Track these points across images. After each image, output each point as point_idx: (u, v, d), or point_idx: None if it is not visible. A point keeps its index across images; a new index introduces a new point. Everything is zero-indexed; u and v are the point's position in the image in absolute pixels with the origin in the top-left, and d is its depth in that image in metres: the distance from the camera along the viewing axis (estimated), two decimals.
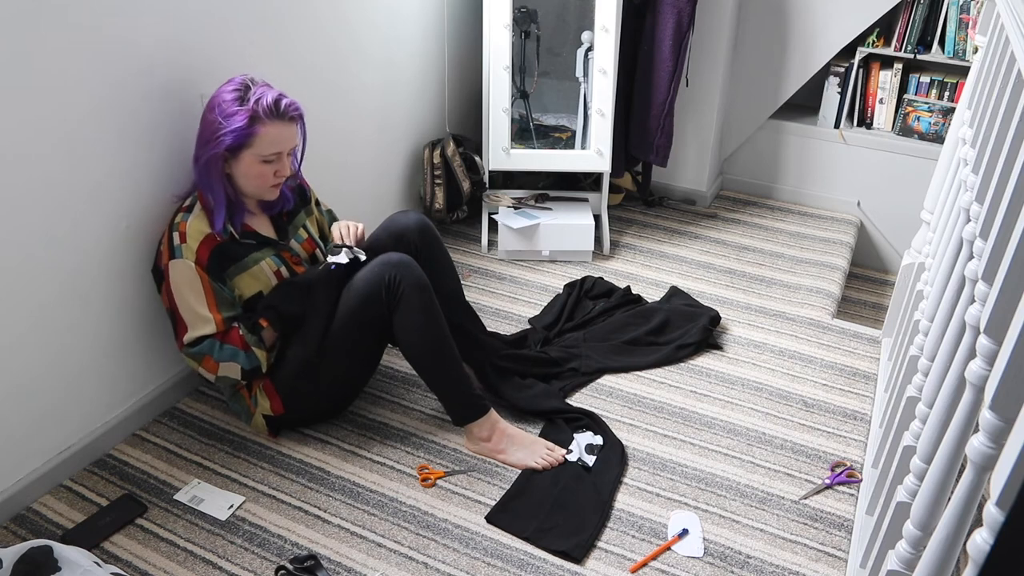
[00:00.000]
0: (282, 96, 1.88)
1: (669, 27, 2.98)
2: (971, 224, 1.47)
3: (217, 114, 1.85)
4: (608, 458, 2.03)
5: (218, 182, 1.90)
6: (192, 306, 1.91)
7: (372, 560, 1.77)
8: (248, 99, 1.84)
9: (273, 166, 1.91)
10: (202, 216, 1.92)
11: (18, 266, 1.72)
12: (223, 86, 1.88)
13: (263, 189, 1.95)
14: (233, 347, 1.93)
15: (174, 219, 1.93)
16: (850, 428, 2.20)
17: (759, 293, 2.84)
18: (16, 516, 1.84)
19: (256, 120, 1.84)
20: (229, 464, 2.02)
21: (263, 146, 1.87)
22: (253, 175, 1.91)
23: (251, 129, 1.84)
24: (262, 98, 1.84)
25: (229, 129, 1.83)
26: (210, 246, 1.91)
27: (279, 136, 1.88)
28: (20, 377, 1.79)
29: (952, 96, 3.23)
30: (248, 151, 1.87)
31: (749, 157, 3.59)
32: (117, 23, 1.80)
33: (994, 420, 1.04)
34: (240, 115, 1.83)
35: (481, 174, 3.06)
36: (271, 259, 2.01)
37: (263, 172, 1.91)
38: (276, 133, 1.88)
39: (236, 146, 1.86)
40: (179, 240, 1.89)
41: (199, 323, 1.91)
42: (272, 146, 1.88)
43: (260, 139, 1.86)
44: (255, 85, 1.88)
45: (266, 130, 1.86)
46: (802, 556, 1.82)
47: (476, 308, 2.67)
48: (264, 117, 1.85)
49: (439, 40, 3.06)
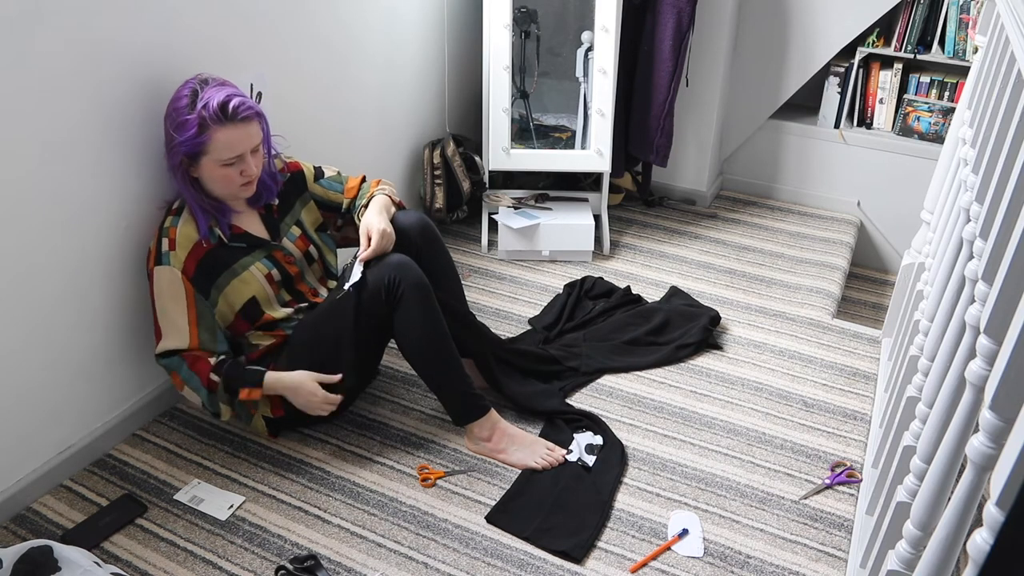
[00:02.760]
0: (231, 96, 1.80)
1: (669, 27, 2.98)
2: (971, 224, 1.47)
3: (170, 124, 1.81)
4: (608, 458, 2.03)
5: (187, 188, 1.87)
6: (170, 314, 1.88)
7: (372, 560, 1.77)
8: (196, 105, 1.78)
9: (236, 167, 1.85)
10: (190, 220, 1.90)
11: (18, 267, 1.72)
12: (177, 90, 1.83)
13: (233, 190, 1.90)
14: (199, 379, 1.89)
15: (164, 222, 1.91)
16: (850, 428, 2.20)
17: (759, 293, 2.84)
18: (16, 516, 1.84)
19: (205, 127, 1.78)
20: (229, 464, 2.02)
21: (219, 151, 1.81)
22: (218, 179, 1.86)
23: (202, 137, 1.78)
24: (209, 102, 1.77)
25: (181, 139, 1.79)
26: (198, 256, 1.89)
27: (233, 139, 1.81)
28: (20, 377, 1.79)
29: (952, 96, 3.23)
30: (206, 157, 1.82)
31: (749, 157, 3.59)
32: (114, 25, 1.79)
33: (994, 420, 1.04)
34: (190, 123, 1.78)
35: (481, 174, 3.06)
36: (261, 262, 1.98)
37: (227, 175, 1.86)
38: (229, 136, 1.81)
39: (193, 154, 1.82)
40: (168, 246, 1.87)
41: (173, 333, 1.89)
42: (228, 150, 1.82)
43: (214, 145, 1.80)
44: (205, 87, 1.80)
45: (218, 135, 1.79)
46: (802, 556, 1.82)
47: (476, 308, 2.67)
48: (211, 123, 1.78)
49: (439, 40, 3.06)
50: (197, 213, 1.89)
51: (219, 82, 1.84)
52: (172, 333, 1.89)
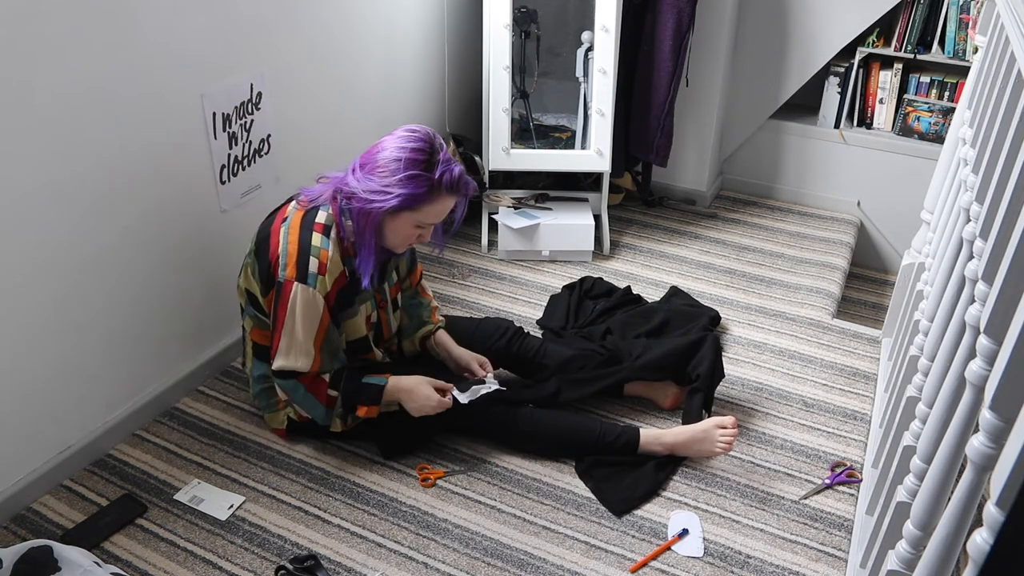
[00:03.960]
0: (463, 173, 1.82)
1: (669, 27, 2.98)
2: (971, 224, 1.47)
3: (395, 170, 1.76)
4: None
5: (371, 233, 1.82)
6: (299, 336, 1.83)
7: (372, 560, 1.77)
8: (435, 166, 1.77)
9: (423, 231, 1.86)
10: (338, 245, 1.84)
11: (18, 267, 1.72)
12: (402, 137, 1.79)
13: (400, 246, 1.90)
14: (315, 400, 1.88)
15: (309, 235, 1.82)
16: (850, 428, 2.20)
17: (759, 293, 2.84)
18: (16, 516, 1.84)
19: (435, 192, 1.78)
20: (229, 464, 2.02)
21: (428, 215, 1.82)
22: (402, 235, 1.85)
23: (427, 198, 1.78)
24: (448, 172, 1.78)
25: (405, 192, 1.76)
26: (340, 286, 1.86)
27: (445, 208, 1.84)
28: (20, 377, 1.79)
29: (952, 96, 3.23)
30: (411, 214, 1.80)
31: (749, 157, 3.59)
32: (114, 24, 1.79)
33: (994, 420, 1.04)
34: (421, 181, 1.76)
35: (481, 174, 3.06)
36: (368, 303, 1.97)
37: (412, 234, 1.86)
38: (445, 205, 1.83)
39: (402, 207, 1.78)
40: (316, 268, 1.81)
41: (299, 355, 1.84)
42: (435, 216, 1.83)
43: (429, 208, 1.80)
44: (440, 150, 1.80)
45: (438, 201, 1.80)
46: (802, 556, 1.82)
47: (476, 308, 2.68)
48: (443, 191, 1.79)
49: (439, 40, 3.06)
50: (370, 256, 1.84)
51: (445, 146, 1.84)
52: (296, 354, 1.84)
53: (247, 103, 2.20)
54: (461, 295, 2.76)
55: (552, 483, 1.99)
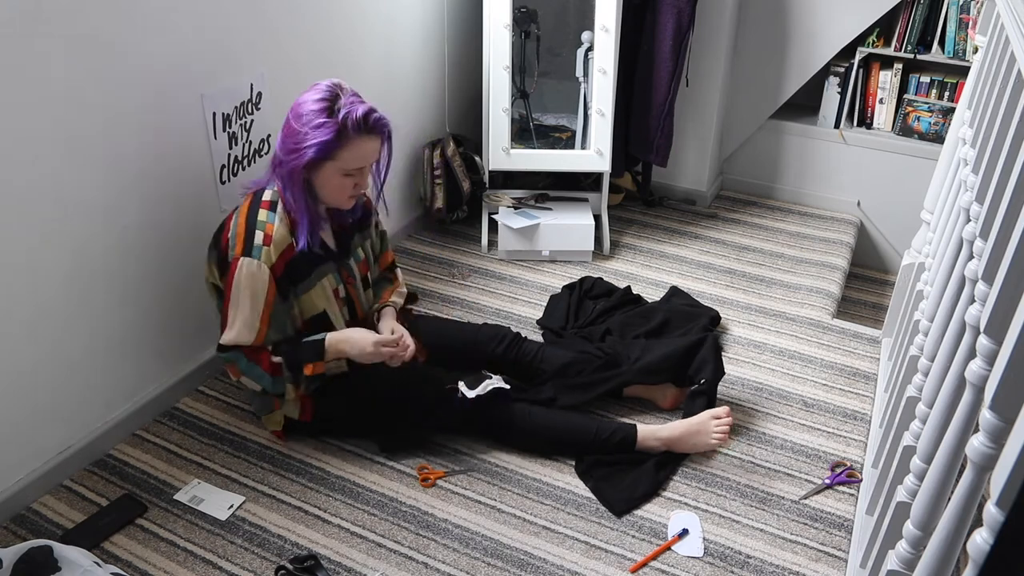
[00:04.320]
0: (372, 110, 1.81)
1: (669, 27, 2.98)
2: (971, 224, 1.47)
3: (303, 124, 1.78)
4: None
5: (300, 192, 1.84)
6: (244, 308, 1.84)
7: (372, 560, 1.77)
8: (337, 111, 1.78)
9: (353, 179, 1.86)
10: (285, 221, 1.87)
11: (18, 266, 1.72)
12: (308, 92, 1.81)
13: (340, 200, 1.90)
14: (260, 370, 1.89)
15: (256, 212, 1.86)
16: (850, 428, 2.20)
17: (759, 293, 2.84)
18: (16, 516, 1.84)
19: (344, 134, 1.78)
20: (229, 464, 2.02)
21: (348, 160, 1.82)
22: (334, 187, 1.86)
23: (338, 143, 1.78)
24: (351, 112, 1.78)
25: (315, 141, 1.77)
26: (288, 257, 1.86)
27: (364, 150, 1.83)
28: (20, 377, 1.79)
29: (952, 96, 3.23)
30: (331, 163, 1.81)
31: (749, 157, 3.59)
32: (113, 24, 1.79)
33: (994, 420, 1.04)
34: (327, 127, 1.77)
35: (481, 174, 3.06)
36: (332, 276, 1.97)
37: (343, 184, 1.86)
38: (362, 147, 1.82)
39: (319, 158, 1.80)
40: (262, 240, 1.83)
41: (242, 327, 1.85)
42: (356, 160, 1.83)
43: (345, 153, 1.80)
44: (344, 95, 1.81)
45: (353, 144, 1.80)
46: (802, 556, 1.82)
47: (476, 308, 2.68)
48: (352, 131, 1.78)
49: (439, 40, 3.06)
50: (303, 216, 1.86)
51: (352, 92, 1.84)
52: (240, 327, 1.86)
53: (247, 103, 2.20)
54: (461, 295, 2.76)
55: (552, 483, 1.99)
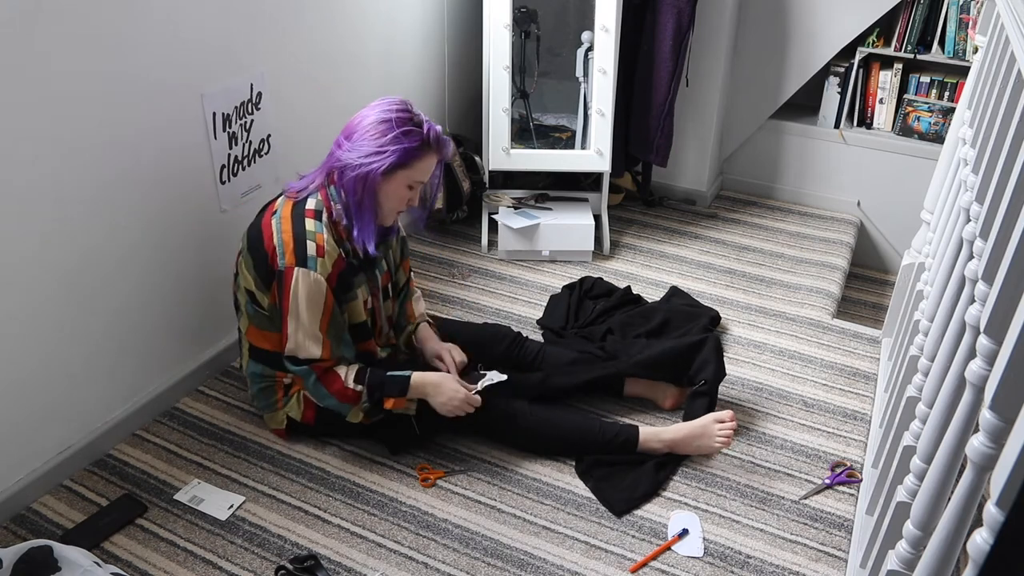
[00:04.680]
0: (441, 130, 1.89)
1: (669, 27, 2.98)
2: (971, 224, 1.47)
3: (386, 131, 1.81)
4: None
5: (369, 197, 1.85)
6: (304, 320, 1.84)
7: (372, 560, 1.77)
8: (421, 123, 1.84)
9: (412, 192, 1.90)
10: (331, 229, 1.87)
11: (18, 266, 1.72)
12: (381, 105, 1.85)
13: (391, 214, 1.93)
14: (327, 391, 1.90)
15: (302, 221, 1.85)
16: (850, 428, 2.20)
17: (759, 293, 2.84)
18: (16, 516, 1.84)
19: (426, 145, 1.84)
20: (229, 464, 2.02)
21: (420, 171, 1.86)
22: (396, 198, 1.88)
23: (419, 152, 1.83)
24: (432, 128, 1.85)
25: (401, 147, 1.81)
26: (340, 268, 1.88)
27: (431, 166, 1.89)
28: (20, 377, 1.79)
29: (952, 96, 3.23)
30: (405, 172, 1.84)
31: (749, 157, 3.59)
32: (114, 24, 1.80)
33: (994, 420, 1.04)
34: (414, 136, 1.82)
35: (481, 174, 3.06)
36: (364, 287, 1.97)
37: (403, 196, 1.89)
38: (432, 162, 1.88)
39: (400, 164, 1.82)
40: (315, 251, 1.83)
41: (307, 339, 1.86)
42: (426, 173, 1.88)
43: (421, 164, 1.85)
44: (417, 112, 1.87)
45: (428, 157, 1.86)
46: (802, 556, 1.82)
47: (476, 308, 2.68)
48: (432, 144, 1.85)
49: (439, 40, 3.06)
50: (370, 223, 1.88)
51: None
52: (303, 339, 1.86)
53: (247, 103, 2.20)
54: (461, 295, 2.76)
55: (552, 483, 1.99)
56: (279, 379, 2.02)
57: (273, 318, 1.93)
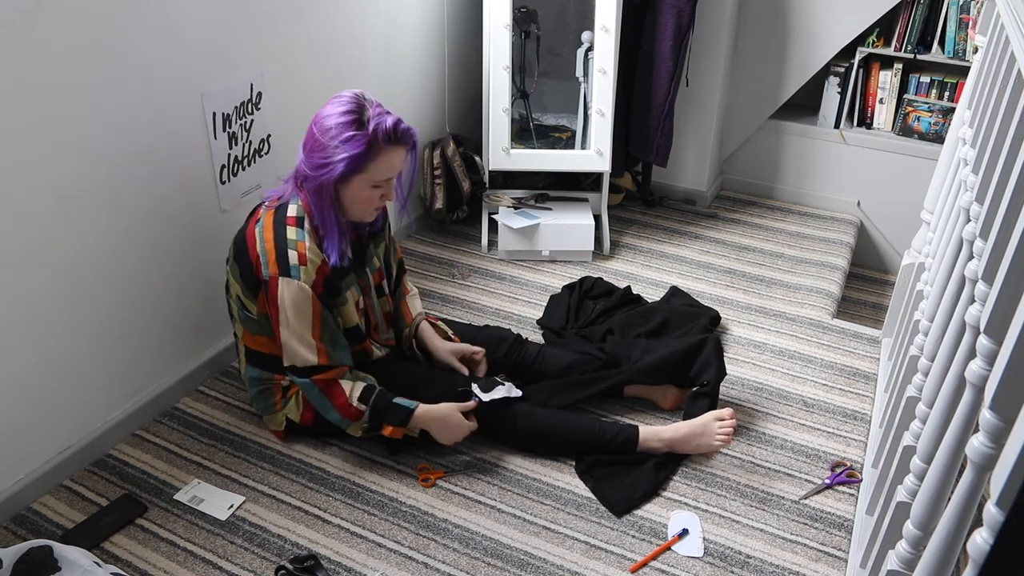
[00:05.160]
0: (399, 121, 1.79)
1: (669, 27, 2.98)
2: (971, 224, 1.47)
3: (331, 137, 1.76)
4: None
5: (330, 209, 1.82)
6: (296, 330, 1.84)
7: (372, 560, 1.77)
8: (366, 123, 1.76)
9: (381, 191, 1.85)
10: (313, 236, 1.85)
11: (18, 266, 1.72)
12: (330, 105, 1.79)
13: (365, 212, 1.88)
14: (331, 405, 1.89)
15: (283, 229, 1.83)
16: (850, 428, 2.20)
17: (759, 293, 2.84)
18: (16, 516, 1.84)
19: (374, 146, 1.76)
20: (229, 464, 2.02)
21: (378, 172, 1.80)
22: (361, 199, 1.84)
23: (369, 155, 1.77)
24: (381, 123, 1.76)
25: (346, 155, 1.75)
26: (325, 274, 1.85)
27: (394, 161, 1.82)
28: (20, 377, 1.79)
29: (952, 96, 3.23)
30: (362, 176, 1.79)
31: (749, 157, 3.59)
32: (114, 24, 1.79)
33: (994, 420, 1.04)
34: (357, 140, 1.75)
35: (481, 174, 3.06)
36: (354, 288, 1.96)
37: (371, 197, 1.84)
38: (392, 158, 1.80)
39: (351, 172, 1.78)
40: (297, 260, 1.81)
41: (301, 347, 1.85)
42: (386, 172, 1.81)
43: (376, 165, 1.79)
44: (369, 106, 1.79)
45: (383, 156, 1.78)
46: (802, 556, 1.82)
47: (476, 308, 2.68)
48: (382, 143, 1.77)
49: (439, 40, 3.06)
50: (334, 233, 1.84)
51: (376, 102, 1.81)
52: (297, 347, 1.85)
53: (247, 103, 2.20)
54: (461, 295, 2.76)
55: (552, 483, 1.99)
56: (277, 381, 2.02)
57: (263, 325, 1.93)
